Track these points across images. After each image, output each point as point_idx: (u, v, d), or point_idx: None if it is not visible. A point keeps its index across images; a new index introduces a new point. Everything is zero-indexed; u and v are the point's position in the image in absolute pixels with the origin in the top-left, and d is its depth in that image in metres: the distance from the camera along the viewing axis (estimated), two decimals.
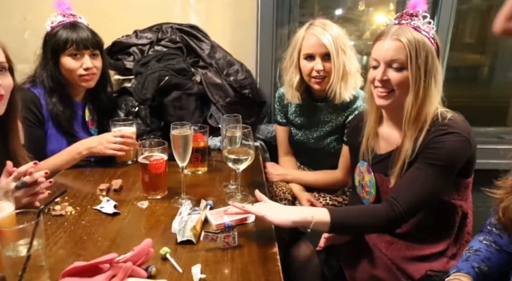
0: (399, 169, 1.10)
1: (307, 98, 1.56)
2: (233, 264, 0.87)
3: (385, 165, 1.17)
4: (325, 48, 1.40)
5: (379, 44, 1.09)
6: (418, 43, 1.04)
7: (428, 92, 1.06)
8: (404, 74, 1.06)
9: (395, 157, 1.12)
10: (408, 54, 1.04)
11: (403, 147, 1.10)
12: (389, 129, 1.20)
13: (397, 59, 1.05)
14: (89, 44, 1.46)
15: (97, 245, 0.94)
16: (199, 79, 1.75)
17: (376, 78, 1.09)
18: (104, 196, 1.20)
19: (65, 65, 1.45)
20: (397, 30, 1.07)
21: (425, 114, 1.07)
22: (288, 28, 2.01)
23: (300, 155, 1.72)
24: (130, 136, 1.44)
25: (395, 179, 1.11)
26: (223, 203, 1.18)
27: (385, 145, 1.20)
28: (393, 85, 1.08)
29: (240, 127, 1.20)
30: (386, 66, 1.08)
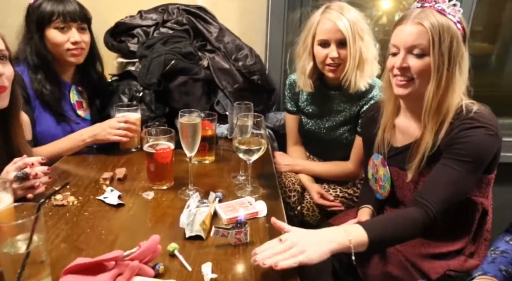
0: (417, 162, 1.03)
1: (319, 86, 1.49)
2: (246, 262, 0.82)
3: (402, 158, 1.11)
4: (341, 34, 1.32)
5: (399, 29, 1.02)
6: (442, 27, 0.96)
7: (452, 81, 0.99)
8: (425, 61, 0.99)
9: (413, 150, 1.06)
10: (431, 39, 0.96)
11: (423, 139, 1.03)
12: (407, 121, 1.13)
13: (419, 44, 0.98)
14: (77, 17, 1.39)
15: (100, 239, 0.89)
16: (206, 64, 1.68)
17: (395, 66, 1.02)
18: (108, 185, 1.14)
19: (52, 39, 1.37)
20: (420, 13, 0.99)
21: (448, 105, 1.00)
22: (300, 12, 1.91)
23: (310, 144, 1.66)
24: (134, 123, 1.38)
25: (413, 174, 1.05)
26: (232, 195, 1.12)
27: (402, 137, 1.14)
28: (413, 73, 1.00)
29: (251, 116, 1.13)
30: (406, 52, 1.00)
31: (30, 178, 0.97)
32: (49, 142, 1.37)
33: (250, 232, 0.89)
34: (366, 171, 1.29)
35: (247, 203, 1.04)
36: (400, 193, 1.16)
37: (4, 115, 1.03)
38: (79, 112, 1.51)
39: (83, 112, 1.53)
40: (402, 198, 1.15)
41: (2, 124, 1.06)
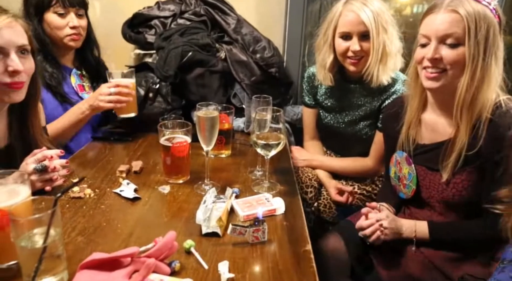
0: (453, 162, 0.98)
1: (339, 80, 1.44)
2: (263, 262, 0.80)
3: (430, 157, 1.06)
4: (364, 27, 1.26)
5: (430, 18, 0.96)
6: (478, 14, 0.90)
7: (487, 73, 0.93)
8: (460, 51, 0.93)
9: (448, 149, 1.00)
10: (467, 27, 0.90)
11: (458, 137, 0.98)
12: (435, 117, 1.07)
13: (453, 33, 0.92)
14: (75, 2, 1.40)
15: (116, 233, 0.88)
16: (223, 55, 1.65)
17: (426, 57, 0.96)
18: (124, 178, 1.14)
19: (51, 23, 1.39)
20: (453, 0, 0.93)
21: (483, 100, 0.94)
22: (320, 3, 1.86)
23: (328, 139, 1.61)
24: (125, 86, 1.35)
25: (448, 174, 1.00)
26: (249, 190, 1.10)
27: (430, 134, 1.09)
28: (445, 64, 0.95)
29: (270, 110, 1.10)
30: (438, 42, 0.94)
31: (49, 170, 0.97)
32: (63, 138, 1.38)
33: (267, 230, 0.86)
34: (387, 168, 1.24)
35: (265, 199, 1.01)
36: (426, 193, 1.10)
37: (22, 106, 1.03)
38: (81, 94, 1.51)
39: (86, 95, 1.53)
40: (427, 198, 1.10)
41: (19, 115, 1.06)
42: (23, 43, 0.96)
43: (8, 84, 0.94)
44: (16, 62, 0.94)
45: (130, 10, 1.76)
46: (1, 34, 0.91)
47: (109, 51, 1.67)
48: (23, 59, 0.97)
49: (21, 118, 1.06)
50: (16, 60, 0.94)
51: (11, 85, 0.95)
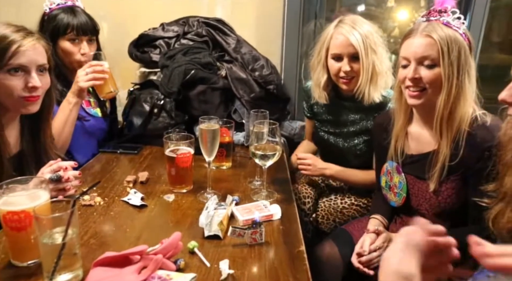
0: (438, 172, 1.06)
1: (334, 97, 1.52)
2: (260, 261, 0.87)
3: (417, 166, 1.14)
4: (354, 49, 1.34)
5: (408, 42, 1.06)
6: (449, 38, 1.00)
7: (462, 90, 1.03)
8: (436, 72, 1.03)
9: (432, 160, 1.09)
10: (440, 50, 1.00)
11: (441, 149, 1.06)
12: (420, 129, 1.16)
13: (429, 55, 1.02)
14: (88, 31, 1.50)
15: (125, 236, 0.95)
16: (224, 73, 1.75)
17: (407, 77, 1.06)
18: (131, 188, 1.21)
19: (64, 49, 1.49)
20: (427, 26, 1.04)
21: (461, 114, 1.03)
22: (314, 23, 1.97)
23: (324, 153, 1.67)
24: (97, 64, 1.41)
25: (434, 184, 1.08)
26: (248, 199, 1.18)
27: (416, 145, 1.17)
28: (425, 83, 1.04)
29: (267, 123, 1.19)
30: (417, 63, 1.04)
31: (63, 180, 1.04)
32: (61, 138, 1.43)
33: (265, 233, 0.93)
34: (379, 178, 1.31)
35: (263, 206, 1.09)
36: (415, 201, 1.18)
37: (35, 116, 1.13)
38: (87, 109, 1.60)
39: (92, 109, 1.62)
40: (417, 206, 1.18)
41: (33, 124, 1.16)
42: (43, 63, 1.07)
43: (25, 97, 1.05)
44: (36, 79, 1.04)
45: (136, 31, 1.88)
46: (26, 54, 1.02)
47: (116, 69, 1.77)
48: (41, 76, 1.07)
49: (33, 127, 1.16)
50: (36, 77, 1.05)
51: (28, 98, 1.06)
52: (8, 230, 0.78)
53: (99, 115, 1.64)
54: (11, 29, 1.03)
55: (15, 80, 1.03)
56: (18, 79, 1.03)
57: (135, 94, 1.72)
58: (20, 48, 1.01)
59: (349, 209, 1.51)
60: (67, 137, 1.42)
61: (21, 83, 1.04)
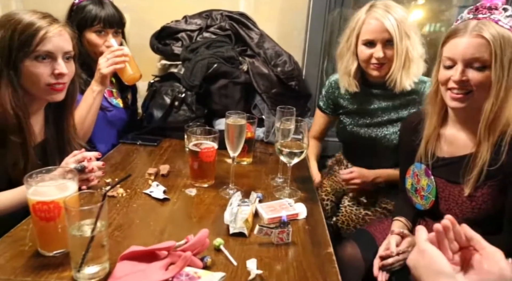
0: (475, 177, 1.02)
1: (362, 85, 1.45)
2: (288, 261, 0.85)
3: (449, 170, 1.10)
4: (388, 34, 1.29)
5: (455, 42, 0.99)
6: (503, 39, 0.94)
7: (510, 92, 0.97)
8: (486, 74, 0.96)
9: (470, 163, 1.04)
10: (493, 52, 0.94)
11: (480, 152, 1.02)
12: (455, 132, 1.11)
13: (480, 57, 0.96)
14: (115, 23, 1.49)
15: (150, 230, 0.94)
16: (246, 68, 1.72)
17: (453, 79, 0.99)
18: (153, 180, 1.20)
19: (90, 40, 1.49)
20: (478, 24, 0.97)
21: (506, 117, 0.98)
22: (340, 13, 1.93)
23: (353, 150, 1.59)
24: (117, 49, 1.42)
25: (470, 188, 1.04)
26: (271, 196, 1.16)
27: (449, 148, 1.13)
28: (472, 86, 0.98)
29: (293, 120, 1.16)
30: (465, 65, 0.98)
31: (86, 171, 1.04)
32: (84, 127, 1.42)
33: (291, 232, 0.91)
34: (403, 180, 1.27)
35: (287, 204, 1.07)
36: (444, 205, 1.14)
37: (60, 105, 1.13)
38: (110, 99, 1.59)
39: (114, 99, 1.61)
40: (445, 210, 1.14)
41: (57, 113, 1.15)
42: (69, 50, 1.06)
43: (51, 85, 1.04)
44: (62, 66, 1.04)
45: (159, 23, 1.86)
46: (52, 41, 1.01)
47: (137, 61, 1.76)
48: (67, 64, 1.07)
49: (57, 116, 1.16)
50: (62, 64, 1.04)
51: (54, 86, 1.05)
52: (37, 220, 0.77)
53: (121, 105, 1.64)
54: (37, 16, 1.02)
55: (42, 67, 1.02)
56: (45, 66, 1.03)
57: (155, 87, 1.71)
58: (47, 34, 1.01)
59: (372, 216, 1.47)
60: (89, 126, 1.42)
61: (48, 70, 1.03)
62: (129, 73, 1.45)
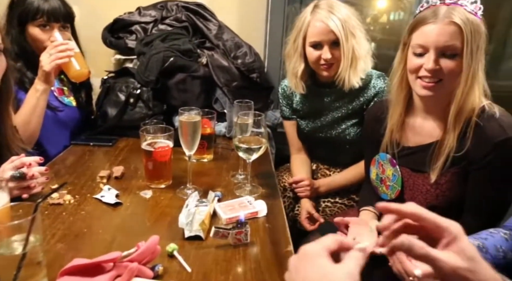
0: (441, 164, 1.01)
1: (311, 86, 1.45)
2: (246, 263, 0.81)
3: (415, 159, 1.09)
4: (334, 35, 1.28)
5: (427, 29, 0.96)
6: (472, 25, 0.92)
7: (476, 79, 0.96)
8: (457, 62, 0.95)
9: (435, 151, 1.03)
10: (465, 39, 0.92)
11: (446, 140, 1.00)
12: (422, 121, 1.10)
13: (452, 45, 0.93)
14: (61, 17, 1.37)
15: (98, 239, 0.88)
16: (205, 61, 1.66)
17: (426, 68, 0.97)
18: (105, 184, 1.13)
19: (33, 35, 1.37)
20: (448, 10, 0.94)
21: (471, 104, 0.97)
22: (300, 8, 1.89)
23: (314, 150, 1.58)
24: (60, 43, 1.30)
25: (436, 175, 1.03)
26: (231, 194, 1.11)
27: (415, 137, 1.11)
28: (444, 74, 0.97)
29: (252, 115, 1.12)
30: (437, 53, 0.96)
31: (27, 178, 0.95)
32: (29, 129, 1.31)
33: (250, 232, 0.87)
34: (368, 170, 1.27)
35: (247, 202, 1.03)
36: (409, 195, 1.13)
37: None
38: (61, 98, 1.49)
39: (65, 98, 1.50)
40: (410, 199, 1.13)
41: None
42: None
43: None
44: None
45: (111, 15, 1.75)
46: None
47: (88, 56, 1.65)
48: None
49: None
50: None
51: None
52: None
53: (73, 104, 1.53)
54: None
55: None
56: None
57: (109, 83, 1.61)
58: None
59: (332, 207, 1.47)
60: (35, 128, 1.31)
61: None
62: (74, 69, 1.34)
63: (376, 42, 2.04)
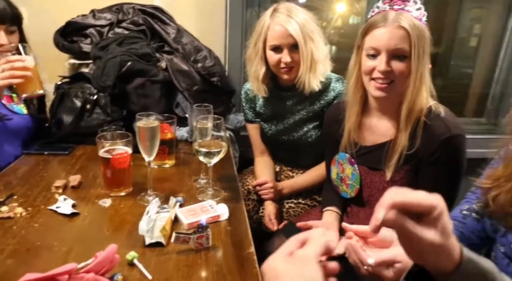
0: (396, 161, 1.07)
1: (273, 89, 1.48)
2: (208, 267, 0.81)
3: (371, 157, 1.14)
4: (293, 39, 1.31)
5: (378, 32, 1.02)
6: (418, 30, 1.00)
7: (423, 81, 1.04)
8: (406, 64, 1.02)
9: (389, 149, 1.09)
10: (413, 42, 0.99)
11: (399, 139, 1.07)
12: (377, 121, 1.16)
13: (402, 48, 1.00)
14: (7, 19, 1.30)
15: (53, 252, 0.84)
16: (164, 65, 1.64)
17: (378, 69, 1.03)
18: (61, 194, 1.08)
19: None
20: (397, 16, 1.01)
21: (420, 104, 1.04)
22: (259, 12, 1.92)
23: (277, 153, 1.61)
24: (17, 60, 1.19)
25: (391, 172, 1.09)
26: (193, 199, 1.11)
27: (371, 136, 1.17)
28: (395, 76, 1.03)
29: (211, 118, 1.13)
30: (389, 56, 1.02)
31: None
32: None
33: (212, 235, 0.88)
34: (329, 170, 1.30)
35: (209, 206, 1.03)
36: (367, 192, 1.18)
37: None
38: (9, 106, 1.40)
39: (15, 105, 1.43)
40: (368, 197, 1.19)
41: None
42: None
43: None
44: None
45: (62, 18, 1.69)
46: None
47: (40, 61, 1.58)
48: None
49: None
50: None
51: None
52: None
53: (24, 112, 1.45)
54: None
55: None
56: None
57: (63, 89, 1.54)
58: None
59: (296, 208, 1.50)
60: None
61: None
62: (27, 90, 1.24)
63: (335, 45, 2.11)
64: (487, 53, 2.18)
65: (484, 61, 2.21)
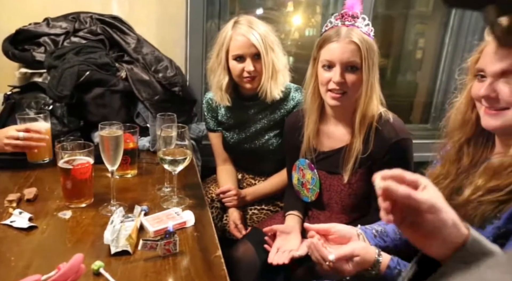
0: (352, 165, 1.15)
1: (235, 98, 1.51)
2: (176, 272, 0.82)
3: (330, 162, 1.21)
4: (255, 48, 1.37)
5: (332, 47, 1.10)
6: (368, 44, 1.10)
7: (374, 90, 1.13)
8: (358, 76, 1.11)
9: (346, 154, 1.17)
10: (363, 55, 1.09)
11: (354, 144, 1.15)
12: (334, 127, 1.23)
13: (354, 61, 1.09)
14: None
15: (10, 267, 0.80)
16: (124, 75, 1.62)
17: (334, 80, 1.10)
18: (15, 208, 1.03)
19: None
20: (349, 32, 1.10)
21: (372, 111, 1.13)
22: (219, 24, 1.97)
23: (240, 160, 1.64)
24: (37, 131, 1.22)
25: (348, 176, 1.16)
26: (158, 207, 1.11)
27: (329, 142, 1.24)
28: (349, 86, 1.11)
29: (175, 127, 1.14)
30: (343, 67, 1.10)
31: None
32: None
33: (179, 241, 0.89)
34: (290, 176, 1.36)
35: (174, 213, 1.04)
36: (326, 196, 1.25)
37: None
38: None
39: None
40: (328, 200, 1.25)
41: None
42: None
43: None
44: None
45: (11, 26, 1.62)
46: None
47: None
48: None
49: None
50: None
51: None
52: None
53: None
54: None
55: None
56: None
57: (14, 99, 1.48)
58: None
59: (259, 214, 1.53)
60: None
61: None
62: (38, 157, 1.27)
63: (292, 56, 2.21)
64: (430, 65, 2.38)
65: (427, 73, 2.41)
